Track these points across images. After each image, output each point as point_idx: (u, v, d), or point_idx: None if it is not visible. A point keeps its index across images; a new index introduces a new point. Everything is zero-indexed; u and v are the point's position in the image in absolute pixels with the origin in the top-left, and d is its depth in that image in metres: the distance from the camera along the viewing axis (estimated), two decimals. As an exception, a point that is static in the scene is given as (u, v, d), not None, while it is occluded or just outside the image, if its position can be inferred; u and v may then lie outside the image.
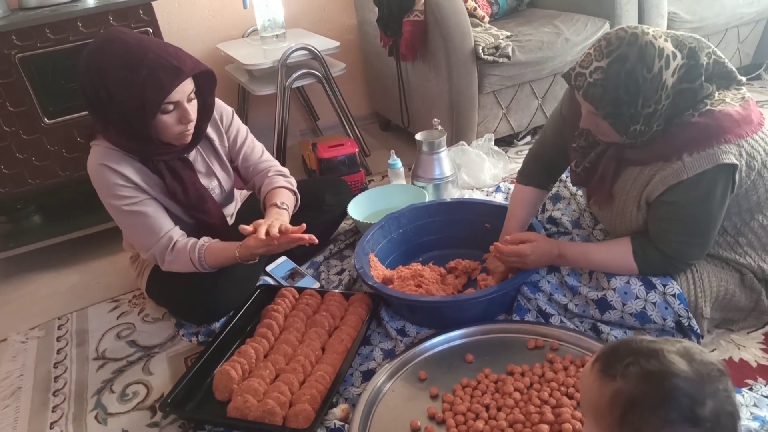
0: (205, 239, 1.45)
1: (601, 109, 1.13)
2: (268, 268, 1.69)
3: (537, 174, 1.48)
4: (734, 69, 1.19)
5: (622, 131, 1.14)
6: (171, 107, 1.30)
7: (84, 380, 1.46)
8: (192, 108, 1.35)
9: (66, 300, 1.80)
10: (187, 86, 1.31)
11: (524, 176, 1.50)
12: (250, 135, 1.62)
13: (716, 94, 1.15)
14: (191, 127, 1.35)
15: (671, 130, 1.15)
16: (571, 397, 1.15)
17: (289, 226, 1.38)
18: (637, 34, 1.09)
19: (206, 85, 1.39)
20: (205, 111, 1.42)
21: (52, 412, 1.38)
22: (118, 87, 1.25)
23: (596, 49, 1.13)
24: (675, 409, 0.65)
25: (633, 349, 0.70)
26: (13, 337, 1.66)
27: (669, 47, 1.09)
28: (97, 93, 1.28)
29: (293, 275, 1.68)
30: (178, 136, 1.35)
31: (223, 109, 1.55)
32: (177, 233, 1.44)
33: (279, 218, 1.42)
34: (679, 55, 1.10)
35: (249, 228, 1.34)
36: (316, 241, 1.38)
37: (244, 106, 2.56)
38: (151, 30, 1.84)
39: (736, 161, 1.11)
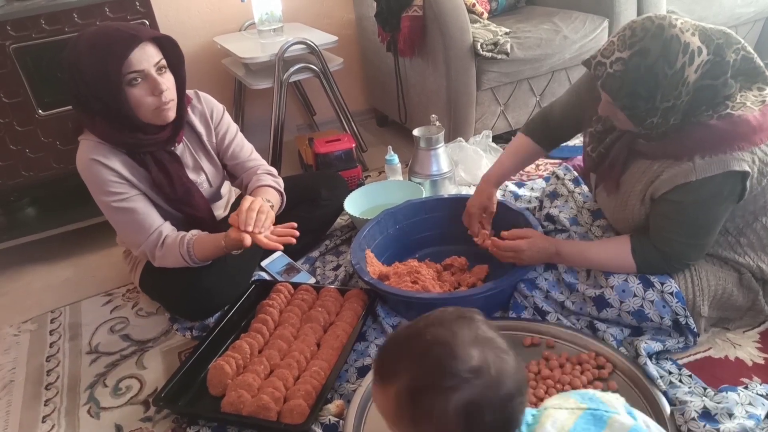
0: (193, 232, 1.44)
1: (618, 100, 1.12)
2: (264, 263, 1.68)
3: (538, 130, 1.53)
4: (762, 65, 1.16)
5: (638, 123, 1.14)
6: (138, 79, 1.29)
7: (77, 374, 1.45)
8: (165, 80, 1.33)
9: (59, 293, 1.79)
10: (151, 54, 1.30)
11: (527, 128, 1.56)
12: (240, 133, 1.61)
13: (738, 96, 1.13)
14: (166, 98, 1.33)
15: (686, 128, 1.13)
16: (566, 395, 1.15)
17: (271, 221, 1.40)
18: (663, 26, 1.06)
19: (175, 58, 1.38)
20: (180, 85, 1.40)
21: (45, 405, 1.37)
22: (87, 70, 1.26)
23: (620, 38, 1.10)
24: (449, 375, 0.65)
25: (396, 343, 0.72)
26: (5, 330, 1.65)
27: (695, 42, 1.06)
28: (76, 82, 1.29)
29: (289, 270, 1.67)
30: (155, 111, 1.33)
31: (213, 105, 1.55)
32: (167, 228, 1.43)
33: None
34: (704, 51, 1.07)
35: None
36: (294, 240, 1.39)
37: (240, 100, 2.55)
38: (147, 22, 1.82)
39: (748, 169, 1.09)
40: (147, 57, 1.28)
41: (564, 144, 1.60)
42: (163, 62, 1.33)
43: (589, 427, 0.70)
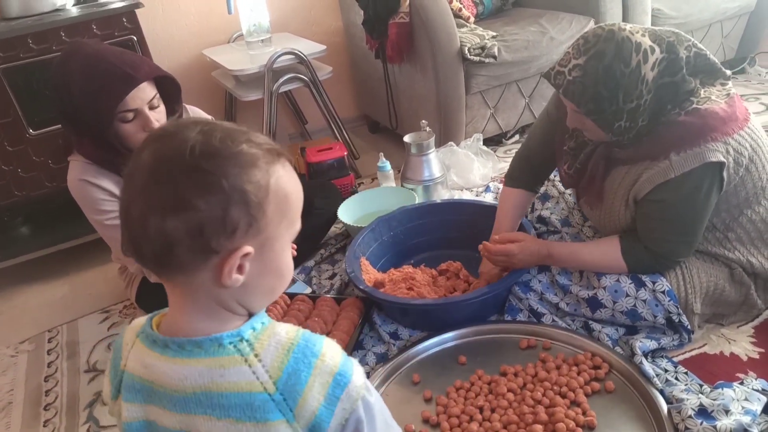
0: None
1: (583, 106, 1.14)
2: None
3: (524, 176, 1.48)
4: (717, 61, 1.20)
5: (607, 128, 1.15)
6: (130, 115, 1.29)
7: (75, 393, 1.45)
8: (157, 115, 1.33)
9: (56, 312, 1.79)
10: (146, 93, 1.29)
11: (511, 179, 1.50)
12: None
13: (702, 92, 1.16)
14: None
15: (658, 129, 1.16)
16: (564, 397, 1.15)
17: None
18: (613, 31, 1.11)
19: (172, 91, 1.38)
20: (175, 117, 1.40)
21: (44, 426, 1.36)
22: (79, 98, 1.25)
23: (574, 48, 1.14)
24: None
25: None
26: (2, 351, 1.65)
27: (646, 42, 1.11)
28: (65, 106, 1.28)
29: (284, 280, 1.67)
30: None
31: (202, 117, 1.55)
32: None
33: None
34: (657, 50, 1.11)
35: None
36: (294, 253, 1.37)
37: (231, 111, 2.55)
38: (135, 38, 1.83)
39: (723, 159, 1.11)
40: (141, 96, 1.28)
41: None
42: (157, 96, 1.33)
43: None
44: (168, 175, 0.56)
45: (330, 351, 0.63)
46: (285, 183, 0.62)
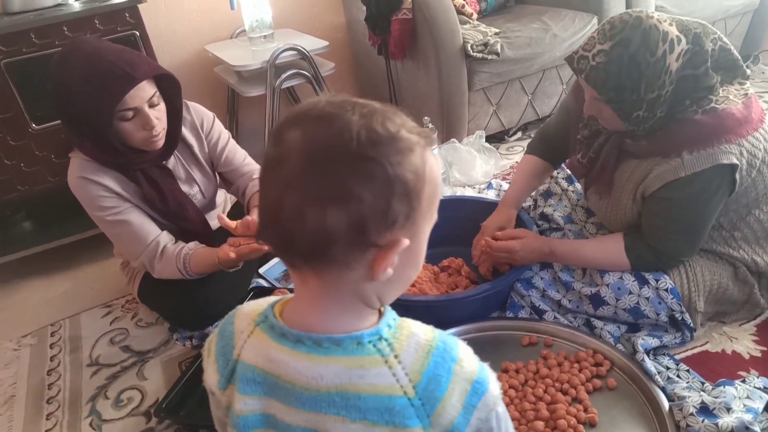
0: (190, 246, 1.44)
1: (604, 93, 1.12)
2: (262, 270, 1.68)
3: (541, 147, 1.53)
4: (740, 58, 1.18)
5: (625, 117, 1.14)
6: (130, 114, 1.28)
7: (78, 387, 1.45)
8: (156, 113, 1.32)
9: (58, 306, 1.79)
10: (146, 91, 1.28)
11: (529, 147, 1.55)
12: (231, 140, 1.61)
13: (720, 90, 1.15)
14: (156, 131, 1.33)
15: (672, 126, 1.14)
16: (565, 393, 1.15)
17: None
18: (641, 18, 1.09)
19: (171, 89, 1.38)
20: (174, 115, 1.40)
21: (47, 419, 1.37)
22: (78, 98, 1.24)
23: (600, 33, 1.12)
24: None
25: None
26: (5, 345, 1.65)
27: (674, 31, 1.08)
28: (64, 105, 1.28)
29: (287, 276, 1.68)
30: (145, 142, 1.34)
31: (203, 114, 1.54)
32: (165, 238, 1.43)
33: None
34: (683, 40, 1.09)
35: (230, 223, 1.34)
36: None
37: (233, 107, 2.55)
38: (137, 33, 1.83)
39: (736, 161, 1.10)
40: (141, 94, 1.27)
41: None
42: (157, 94, 1.32)
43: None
44: (331, 162, 0.51)
45: (467, 356, 0.59)
46: (435, 171, 0.56)
